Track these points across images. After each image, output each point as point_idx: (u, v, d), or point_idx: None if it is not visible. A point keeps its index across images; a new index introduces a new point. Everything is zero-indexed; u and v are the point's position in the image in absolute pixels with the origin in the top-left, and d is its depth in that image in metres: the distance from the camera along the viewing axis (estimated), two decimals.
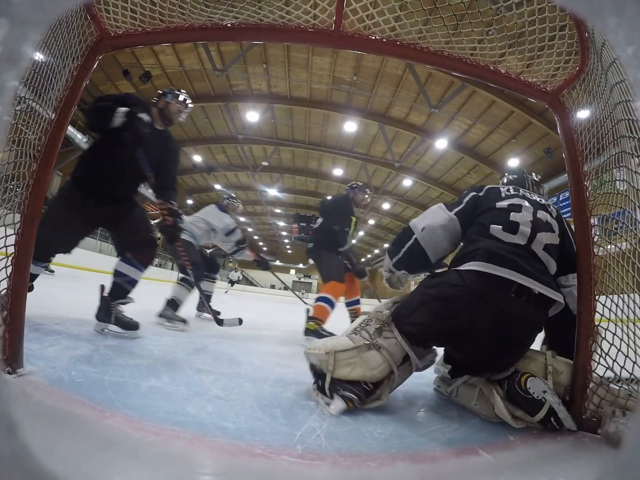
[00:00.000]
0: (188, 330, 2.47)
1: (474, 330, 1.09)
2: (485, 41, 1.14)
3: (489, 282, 1.08)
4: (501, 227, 1.17)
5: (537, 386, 0.99)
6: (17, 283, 0.98)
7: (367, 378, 1.10)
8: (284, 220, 30.33)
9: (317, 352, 1.16)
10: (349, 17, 1.13)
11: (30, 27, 0.25)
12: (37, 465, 0.25)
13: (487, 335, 1.09)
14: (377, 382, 1.13)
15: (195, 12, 1.13)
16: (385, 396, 1.14)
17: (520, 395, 1.01)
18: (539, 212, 1.23)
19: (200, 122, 17.86)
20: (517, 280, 1.06)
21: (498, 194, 1.31)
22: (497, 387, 1.10)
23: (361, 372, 1.10)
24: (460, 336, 1.12)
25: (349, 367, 1.11)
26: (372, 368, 1.11)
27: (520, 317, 1.07)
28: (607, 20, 0.27)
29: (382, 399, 1.13)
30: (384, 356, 1.12)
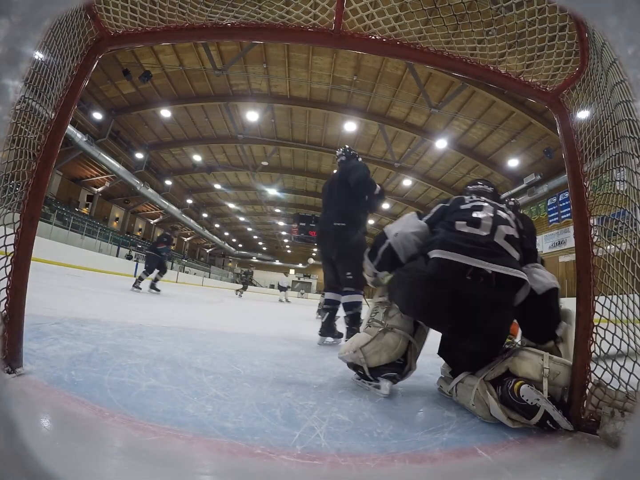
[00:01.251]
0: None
1: (437, 312, 1.22)
2: (485, 41, 1.14)
3: (446, 267, 1.18)
4: (465, 223, 1.29)
5: (530, 395, 1.00)
6: (17, 282, 0.98)
7: (393, 357, 1.31)
8: (284, 220, 30.32)
9: (347, 353, 1.38)
10: (349, 17, 1.13)
11: (30, 27, 0.25)
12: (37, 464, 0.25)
13: (450, 316, 1.19)
14: (404, 355, 1.33)
15: (195, 12, 1.13)
16: (414, 364, 1.35)
17: (515, 402, 1.03)
18: (498, 211, 1.36)
19: (200, 121, 17.86)
20: (470, 263, 1.16)
21: (462, 201, 1.44)
22: (491, 389, 1.13)
23: (387, 355, 1.31)
24: (431, 318, 1.28)
25: (376, 355, 1.32)
26: (394, 347, 1.31)
27: (479, 297, 1.15)
28: (607, 20, 0.27)
29: (412, 367, 1.35)
30: (397, 333, 1.32)
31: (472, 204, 1.38)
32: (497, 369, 1.16)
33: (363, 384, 1.37)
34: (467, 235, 1.24)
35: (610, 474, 0.24)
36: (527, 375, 1.08)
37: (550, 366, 1.09)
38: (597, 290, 1.06)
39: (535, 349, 1.20)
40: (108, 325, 2.10)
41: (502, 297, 1.18)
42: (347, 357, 1.39)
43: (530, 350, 1.19)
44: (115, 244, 19.20)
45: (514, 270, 1.16)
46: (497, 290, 1.16)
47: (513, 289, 1.18)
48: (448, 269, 1.18)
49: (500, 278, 1.15)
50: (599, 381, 1.01)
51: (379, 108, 15.29)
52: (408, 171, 19.02)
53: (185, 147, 20.22)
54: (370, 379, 1.33)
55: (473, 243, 1.21)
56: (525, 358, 1.14)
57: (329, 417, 1.00)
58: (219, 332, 2.59)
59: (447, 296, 1.17)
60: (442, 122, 15.11)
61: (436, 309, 1.22)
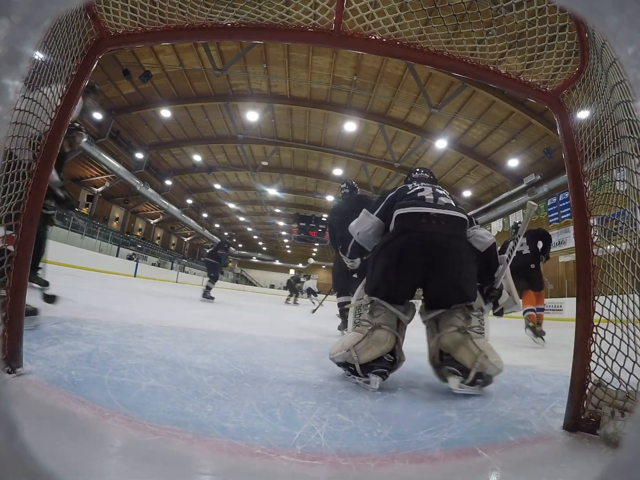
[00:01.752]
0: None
1: (412, 256, 1.49)
2: (485, 41, 1.14)
3: (406, 219, 1.55)
4: (414, 201, 1.63)
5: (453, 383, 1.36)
6: (17, 282, 0.98)
7: (384, 351, 1.45)
8: (284, 220, 30.31)
9: (339, 353, 1.50)
10: (349, 17, 1.13)
11: (30, 27, 0.25)
12: (37, 464, 0.25)
13: (422, 253, 1.48)
14: (392, 350, 1.47)
15: (195, 12, 1.13)
16: (403, 355, 1.51)
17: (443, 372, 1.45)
18: (436, 189, 1.74)
19: (200, 121, 17.85)
20: (422, 211, 1.54)
21: (407, 189, 1.76)
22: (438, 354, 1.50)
23: (378, 350, 1.44)
24: (409, 265, 1.51)
25: (368, 351, 1.44)
26: (384, 342, 1.45)
27: (435, 232, 1.50)
28: (607, 20, 0.27)
29: (402, 359, 1.50)
30: (386, 330, 1.47)
31: (415, 189, 1.73)
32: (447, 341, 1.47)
33: (353, 379, 1.46)
34: (416, 202, 1.62)
35: (610, 474, 0.24)
36: (461, 361, 1.40)
37: (483, 362, 1.36)
38: (597, 290, 1.05)
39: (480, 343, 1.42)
40: (108, 325, 2.10)
41: (454, 232, 1.54)
42: (339, 357, 1.50)
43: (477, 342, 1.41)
44: (115, 244, 19.20)
45: (455, 212, 1.57)
46: (447, 227, 1.53)
47: (459, 226, 1.57)
48: (408, 219, 1.55)
49: (446, 218, 1.54)
50: (599, 381, 1.01)
51: (379, 108, 15.28)
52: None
53: (185, 147, 20.21)
54: (361, 375, 1.43)
55: (422, 201, 1.62)
56: (466, 346, 1.41)
57: (329, 417, 1.00)
58: (219, 332, 2.59)
59: (414, 238, 1.50)
60: (442, 122, 15.10)
61: (410, 253, 1.50)
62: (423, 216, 1.53)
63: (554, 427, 1.05)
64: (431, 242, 1.49)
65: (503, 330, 6.67)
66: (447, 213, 1.54)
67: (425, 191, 1.68)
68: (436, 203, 1.61)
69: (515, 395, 1.41)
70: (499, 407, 1.23)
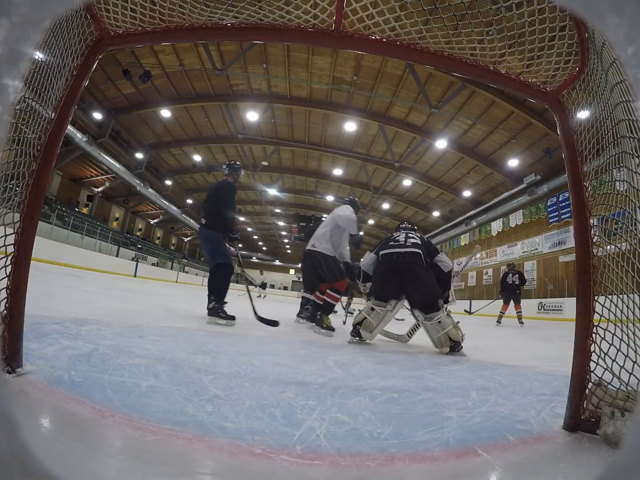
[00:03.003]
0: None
1: (389, 278, 2.78)
2: (485, 41, 1.14)
3: (384, 257, 2.87)
4: (391, 244, 2.93)
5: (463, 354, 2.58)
6: (17, 282, 0.98)
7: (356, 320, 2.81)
8: (284, 220, 30.32)
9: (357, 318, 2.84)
10: (349, 17, 1.12)
11: (30, 27, 0.25)
12: (37, 464, 0.25)
13: (395, 276, 2.75)
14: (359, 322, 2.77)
15: (195, 12, 1.13)
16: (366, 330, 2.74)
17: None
18: (408, 234, 2.98)
19: (200, 121, 17.86)
20: (393, 250, 2.84)
21: (391, 236, 3.07)
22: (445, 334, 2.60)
23: (355, 320, 2.84)
24: (388, 283, 2.79)
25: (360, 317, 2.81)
26: (358, 318, 2.82)
27: (402, 263, 2.77)
28: (607, 20, 0.27)
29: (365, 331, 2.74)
30: (362, 314, 2.80)
31: (395, 236, 3.01)
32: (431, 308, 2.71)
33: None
34: (393, 244, 2.91)
35: (610, 474, 0.24)
36: (460, 341, 2.61)
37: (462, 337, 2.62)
38: (597, 290, 1.05)
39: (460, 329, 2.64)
40: (108, 325, 2.10)
41: (413, 260, 2.75)
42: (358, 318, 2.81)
43: (460, 329, 2.64)
44: (115, 244, 19.20)
45: (412, 249, 2.80)
46: (408, 258, 2.76)
47: (415, 256, 2.77)
48: (385, 257, 2.87)
49: (408, 254, 2.78)
50: (599, 381, 1.01)
51: (379, 108, 15.29)
52: (408, 171, 19.02)
53: (185, 147, 20.22)
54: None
55: (394, 246, 2.88)
56: (458, 334, 2.60)
57: (329, 417, 1.00)
58: (219, 332, 2.59)
59: (389, 269, 2.81)
60: (442, 122, 15.11)
61: (388, 277, 2.79)
62: (394, 255, 2.82)
63: (554, 427, 1.05)
64: (398, 267, 2.77)
65: (503, 331, 6.68)
66: (407, 250, 2.79)
67: (400, 236, 2.95)
68: (405, 243, 2.84)
69: (515, 395, 1.41)
70: (499, 407, 1.23)
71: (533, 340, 4.88)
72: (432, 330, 2.62)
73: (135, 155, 19.74)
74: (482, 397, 1.35)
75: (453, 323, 2.57)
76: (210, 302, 3.19)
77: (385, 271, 2.80)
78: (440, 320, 2.56)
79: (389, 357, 2.22)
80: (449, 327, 2.53)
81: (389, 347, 2.74)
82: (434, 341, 2.63)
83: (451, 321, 2.58)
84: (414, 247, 2.77)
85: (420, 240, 2.89)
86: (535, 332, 6.74)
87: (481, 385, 1.54)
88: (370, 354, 2.28)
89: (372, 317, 2.69)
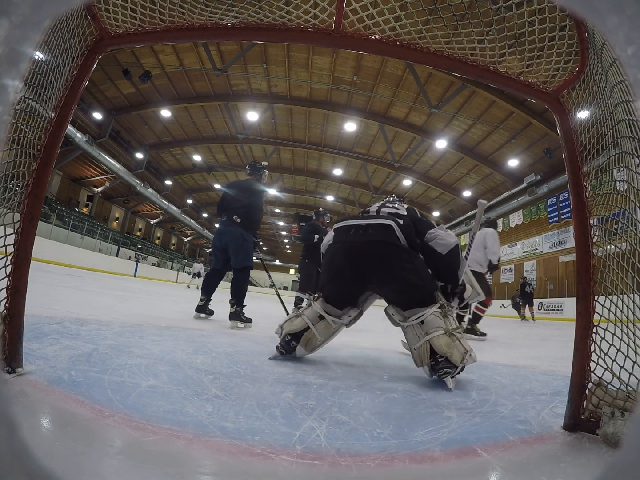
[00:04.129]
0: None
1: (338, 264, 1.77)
2: (485, 41, 1.14)
3: (337, 232, 1.84)
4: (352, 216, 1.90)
5: (451, 383, 1.48)
6: (17, 282, 0.98)
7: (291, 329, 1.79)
8: (284, 220, 30.31)
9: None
10: (349, 17, 1.12)
11: (30, 27, 0.25)
12: (36, 464, 0.25)
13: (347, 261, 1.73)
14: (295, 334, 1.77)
15: (195, 12, 1.13)
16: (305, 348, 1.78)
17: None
18: (385, 204, 1.96)
19: (200, 121, 17.86)
20: (350, 223, 1.78)
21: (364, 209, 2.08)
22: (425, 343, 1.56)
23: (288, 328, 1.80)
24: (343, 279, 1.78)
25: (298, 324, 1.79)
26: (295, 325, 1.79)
27: (359, 241, 1.72)
28: (607, 20, 0.27)
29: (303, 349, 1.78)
30: (302, 319, 1.79)
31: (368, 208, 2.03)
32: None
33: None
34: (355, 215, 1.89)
35: (610, 474, 0.24)
36: (454, 362, 1.49)
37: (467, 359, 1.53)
38: (597, 290, 1.05)
39: (465, 342, 1.55)
40: (108, 325, 2.10)
41: (377, 237, 1.69)
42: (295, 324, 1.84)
43: (463, 342, 1.54)
44: (115, 244, 19.20)
45: (379, 219, 1.73)
46: (371, 233, 1.71)
47: (383, 231, 1.69)
48: (339, 232, 1.82)
49: (372, 227, 1.71)
50: (599, 381, 1.01)
51: (379, 108, 15.29)
52: (408, 171, 19.02)
53: (185, 147, 20.23)
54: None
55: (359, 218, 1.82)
56: (458, 350, 1.51)
57: (329, 417, 1.00)
58: (219, 332, 2.59)
59: (340, 254, 1.77)
60: (442, 122, 15.11)
61: (338, 266, 1.77)
62: (352, 228, 1.76)
63: (554, 427, 1.05)
64: (353, 250, 1.74)
65: (503, 331, 6.67)
66: (372, 222, 1.73)
67: (373, 207, 1.97)
68: (376, 215, 1.84)
69: (515, 395, 1.41)
70: (499, 407, 1.23)
71: (533, 340, 4.88)
72: (410, 336, 1.62)
73: (135, 155, 19.74)
74: (482, 397, 1.35)
75: (446, 328, 1.55)
76: (232, 306, 3.18)
77: (335, 257, 1.79)
78: (423, 320, 1.57)
79: (388, 357, 2.22)
80: (435, 333, 1.52)
81: (389, 346, 2.73)
82: (412, 355, 1.62)
83: (444, 324, 1.57)
84: (386, 219, 1.72)
85: (404, 211, 1.86)
86: (535, 332, 6.74)
87: (481, 385, 1.54)
88: (370, 353, 2.28)
89: (318, 329, 1.75)
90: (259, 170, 3.75)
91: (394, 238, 1.67)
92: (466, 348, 1.53)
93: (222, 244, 3.41)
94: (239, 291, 3.28)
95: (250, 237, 3.42)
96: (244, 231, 3.37)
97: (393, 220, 1.71)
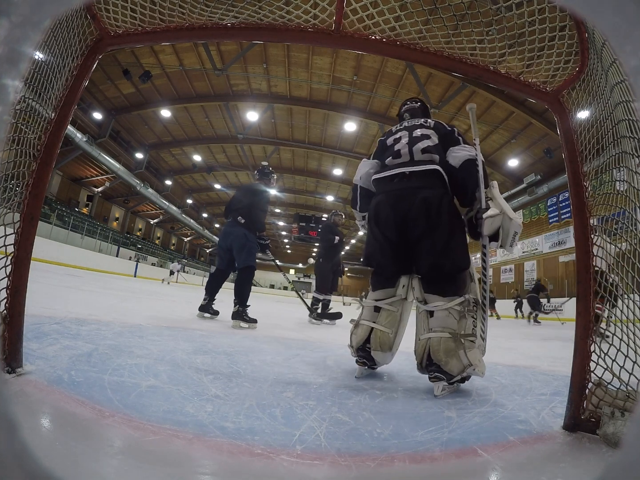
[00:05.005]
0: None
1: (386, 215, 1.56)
2: (485, 41, 1.14)
3: (380, 183, 1.66)
4: (391, 157, 1.68)
5: (438, 389, 1.35)
6: (17, 282, 0.98)
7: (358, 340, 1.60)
8: (284, 220, 30.31)
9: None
10: (349, 17, 1.13)
11: (30, 27, 0.25)
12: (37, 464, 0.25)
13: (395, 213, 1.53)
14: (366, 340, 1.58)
15: (195, 12, 1.13)
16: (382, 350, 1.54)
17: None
18: (414, 132, 1.70)
19: (200, 121, 17.86)
20: (392, 172, 1.61)
21: (390, 133, 1.82)
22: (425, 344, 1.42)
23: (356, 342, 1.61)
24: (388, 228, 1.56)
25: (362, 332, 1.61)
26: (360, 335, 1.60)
27: (406, 188, 1.56)
28: (607, 20, 0.27)
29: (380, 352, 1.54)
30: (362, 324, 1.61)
31: (394, 138, 1.74)
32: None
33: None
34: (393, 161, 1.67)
35: (610, 474, 0.24)
36: (450, 371, 1.34)
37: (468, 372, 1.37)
38: (597, 290, 1.05)
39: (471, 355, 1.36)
40: (108, 325, 2.10)
41: (420, 184, 1.54)
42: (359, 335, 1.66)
43: (468, 354, 1.35)
44: (115, 244, 19.20)
45: (423, 166, 1.56)
46: (414, 180, 1.56)
47: (426, 176, 1.55)
48: (381, 182, 1.65)
49: (414, 174, 1.56)
50: (599, 381, 1.01)
51: (379, 108, 15.29)
52: None
53: (185, 147, 20.23)
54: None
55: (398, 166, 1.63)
56: (459, 359, 1.35)
57: (329, 417, 1.00)
58: (219, 332, 2.59)
59: (384, 200, 1.59)
60: (442, 122, 15.09)
61: (382, 214, 1.57)
62: (395, 178, 1.61)
63: (554, 427, 1.05)
64: (395, 197, 1.56)
65: (503, 331, 6.68)
66: (415, 169, 1.56)
67: (401, 142, 1.69)
68: (412, 158, 1.62)
69: (515, 395, 1.41)
70: (499, 407, 1.23)
71: (533, 340, 4.88)
72: (418, 323, 1.51)
73: (135, 155, 19.75)
74: (482, 397, 1.35)
75: (456, 331, 1.37)
76: (235, 305, 3.19)
77: (379, 209, 1.59)
78: (433, 313, 1.42)
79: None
80: (439, 334, 1.37)
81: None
82: (415, 344, 1.51)
83: (456, 326, 1.38)
84: (429, 164, 1.55)
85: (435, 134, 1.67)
86: (535, 332, 6.74)
87: (481, 385, 1.54)
88: None
89: (382, 323, 1.54)
90: (268, 175, 3.84)
91: (438, 184, 1.54)
92: (471, 361, 1.33)
93: (227, 245, 3.46)
94: (242, 291, 3.30)
95: (254, 237, 3.45)
96: (247, 231, 3.42)
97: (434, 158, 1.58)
